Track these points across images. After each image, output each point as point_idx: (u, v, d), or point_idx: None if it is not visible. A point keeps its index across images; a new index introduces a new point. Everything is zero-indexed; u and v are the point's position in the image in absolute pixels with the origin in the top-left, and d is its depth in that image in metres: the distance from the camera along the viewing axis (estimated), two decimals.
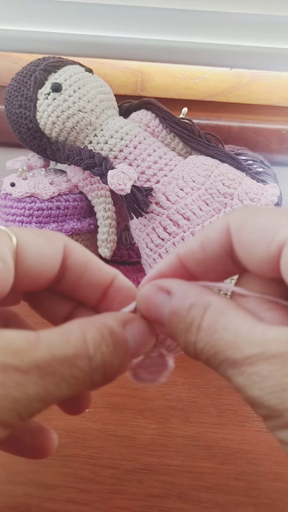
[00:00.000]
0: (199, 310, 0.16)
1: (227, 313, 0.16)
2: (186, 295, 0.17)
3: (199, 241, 0.18)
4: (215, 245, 0.18)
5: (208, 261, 0.18)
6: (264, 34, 0.59)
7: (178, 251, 0.19)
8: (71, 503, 0.24)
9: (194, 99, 0.62)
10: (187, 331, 0.16)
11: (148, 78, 0.62)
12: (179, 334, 0.17)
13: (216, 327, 0.15)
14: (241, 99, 0.62)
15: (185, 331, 0.16)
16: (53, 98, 0.42)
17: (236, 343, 0.15)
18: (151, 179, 0.42)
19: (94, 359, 0.16)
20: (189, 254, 0.18)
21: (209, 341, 0.16)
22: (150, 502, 0.24)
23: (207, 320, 0.16)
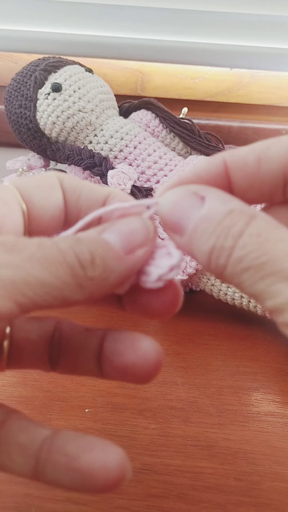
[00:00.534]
0: (244, 216, 0.14)
1: (281, 227, 0.14)
2: (225, 201, 0.14)
3: (256, 154, 0.15)
4: (275, 163, 0.15)
5: (259, 178, 0.15)
6: (264, 34, 0.59)
7: (225, 157, 0.16)
8: (71, 503, 0.24)
9: (194, 99, 0.62)
10: (221, 235, 0.14)
11: (148, 78, 0.62)
12: (204, 240, 0.14)
13: (269, 236, 0.13)
14: (241, 99, 0.62)
15: (216, 236, 0.14)
16: (53, 98, 0.42)
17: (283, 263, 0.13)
18: (151, 179, 0.42)
19: (60, 244, 0.14)
20: (239, 164, 0.16)
21: (258, 248, 0.13)
22: (150, 502, 0.24)
23: (256, 227, 0.13)
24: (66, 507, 0.24)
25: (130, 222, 0.16)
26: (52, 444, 0.15)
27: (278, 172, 0.15)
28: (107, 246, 0.15)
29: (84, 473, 0.14)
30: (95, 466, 0.14)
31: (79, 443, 0.15)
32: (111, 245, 0.15)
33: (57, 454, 0.15)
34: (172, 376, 0.34)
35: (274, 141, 0.15)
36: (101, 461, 0.15)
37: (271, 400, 0.32)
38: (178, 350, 0.38)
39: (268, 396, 0.32)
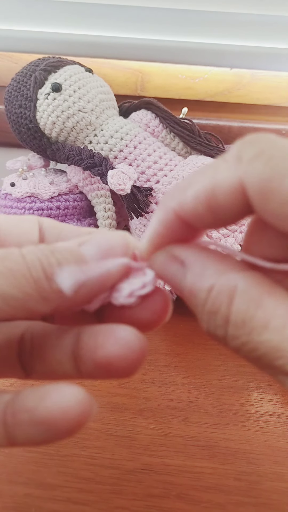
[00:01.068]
0: (223, 297, 0.13)
1: (263, 302, 0.13)
2: (203, 271, 0.14)
3: (206, 204, 0.14)
4: (228, 209, 0.14)
5: (217, 220, 0.14)
6: (264, 34, 0.59)
7: (175, 208, 0.15)
8: (71, 503, 0.24)
9: (194, 99, 0.62)
10: (211, 321, 0.13)
11: (148, 78, 0.62)
12: (201, 318, 0.14)
13: (252, 324, 0.12)
14: (241, 99, 0.62)
15: (207, 320, 0.14)
16: (53, 98, 0.42)
17: (286, 351, 0.12)
18: (151, 179, 0.42)
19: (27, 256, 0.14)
20: (193, 216, 0.14)
21: (248, 341, 0.13)
22: (150, 502, 0.24)
23: (237, 312, 0.13)
24: (66, 507, 0.24)
25: (111, 238, 0.16)
26: (14, 405, 0.14)
27: (235, 214, 0.14)
28: (81, 260, 0.15)
29: (46, 422, 0.14)
30: (54, 412, 0.14)
31: (36, 394, 0.14)
32: (86, 259, 0.15)
33: (20, 413, 0.14)
34: (172, 376, 0.34)
35: (216, 183, 0.14)
36: (59, 405, 0.14)
37: (271, 400, 0.32)
38: (178, 350, 0.38)
39: (268, 396, 0.32)
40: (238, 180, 0.13)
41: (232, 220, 0.14)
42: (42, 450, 0.27)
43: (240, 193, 0.13)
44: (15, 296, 0.14)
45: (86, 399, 0.14)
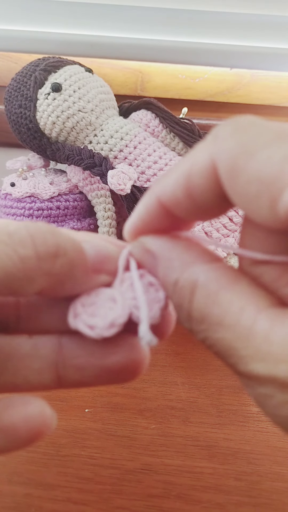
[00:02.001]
0: (185, 292, 0.13)
1: (219, 298, 0.12)
2: (169, 264, 0.14)
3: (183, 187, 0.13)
4: (203, 191, 0.13)
5: (197, 206, 0.14)
6: (264, 34, 0.59)
7: (159, 195, 0.14)
8: (71, 503, 0.24)
9: (194, 99, 0.62)
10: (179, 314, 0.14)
11: (148, 78, 0.62)
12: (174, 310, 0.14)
13: (210, 320, 0.12)
14: (241, 99, 0.62)
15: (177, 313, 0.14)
16: (53, 98, 0.42)
17: (237, 350, 0.12)
18: (151, 179, 0.42)
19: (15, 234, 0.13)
20: (173, 201, 0.14)
21: (207, 337, 0.13)
22: (150, 502, 0.24)
23: (197, 308, 0.13)
24: (66, 507, 0.24)
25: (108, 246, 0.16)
26: None
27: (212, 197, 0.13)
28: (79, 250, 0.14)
29: (8, 429, 0.14)
30: (16, 421, 0.14)
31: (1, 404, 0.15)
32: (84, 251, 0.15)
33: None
34: (172, 376, 0.34)
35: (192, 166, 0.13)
36: (21, 415, 0.14)
37: None
38: (178, 350, 0.38)
39: None
40: (210, 158, 0.13)
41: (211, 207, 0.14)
42: (42, 450, 0.27)
43: (213, 173, 0.13)
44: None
45: (47, 411, 0.15)
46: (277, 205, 0.11)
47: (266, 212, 0.11)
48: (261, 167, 0.11)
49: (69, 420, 0.29)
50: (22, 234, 0.13)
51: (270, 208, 0.11)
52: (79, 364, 0.16)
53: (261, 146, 0.11)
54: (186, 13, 0.59)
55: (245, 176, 0.12)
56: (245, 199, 0.12)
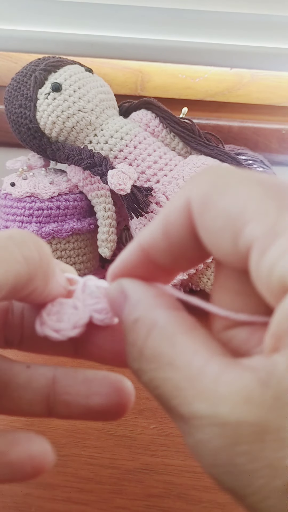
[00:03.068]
0: (143, 330, 0.13)
1: (175, 340, 0.13)
2: (137, 303, 0.14)
3: (161, 227, 0.14)
4: (179, 229, 0.14)
5: (174, 249, 0.14)
6: (264, 34, 0.59)
7: (140, 240, 0.15)
8: (71, 503, 0.24)
9: (194, 99, 0.62)
10: (130, 353, 0.14)
11: (148, 78, 0.62)
12: (126, 350, 0.14)
13: (161, 360, 0.12)
14: (241, 99, 0.62)
15: (128, 352, 0.14)
16: (53, 98, 0.42)
17: (183, 390, 0.12)
18: (151, 178, 0.42)
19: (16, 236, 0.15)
20: (152, 244, 0.15)
21: (154, 377, 0.13)
22: (150, 502, 0.24)
23: (151, 347, 0.13)
24: (66, 507, 0.24)
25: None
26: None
27: (186, 236, 0.14)
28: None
29: (15, 465, 0.15)
30: (23, 457, 0.15)
31: (7, 439, 0.16)
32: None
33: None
34: None
35: (172, 204, 0.14)
36: (27, 452, 0.15)
37: None
38: None
39: None
40: (186, 198, 0.14)
41: (185, 249, 0.14)
42: None
43: (187, 212, 0.14)
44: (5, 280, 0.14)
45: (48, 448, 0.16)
46: (239, 240, 0.12)
47: (229, 247, 0.12)
48: (228, 203, 0.12)
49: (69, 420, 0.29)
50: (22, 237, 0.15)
51: (232, 242, 0.12)
52: (66, 401, 0.17)
53: (231, 186, 0.13)
54: (186, 13, 0.59)
55: (213, 211, 0.13)
56: (211, 233, 0.13)
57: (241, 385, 0.11)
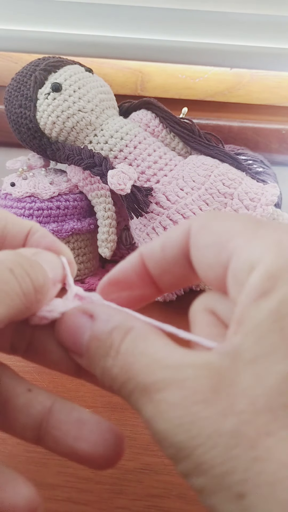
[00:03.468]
0: (120, 333, 0.15)
1: (149, 338, 0.15)
2: (110, 318, 0.16)
3: (161, 241, 0.17)
4: (174, 246, 0.17)
5: (165, 262, 0.17)
6: (264, 34, 0.59)
7: (142, 249, 0.18)
8: (71, 503, 0.24)
9: (194, 99, 0.62)
10: (106, 355, 0.15)
11: (148, 78, 0.62)
12: (96, 361, 0.15)
13: (133, 351, 0.14)
14: (241, 99, 0.62)
15: (103, 356, 0.15)
16: (53, 98, 0.42)
17: (150, 367, 0.13)
18: (151, 179, 0.42)
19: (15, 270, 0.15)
20: (149, 254, 0.18)
21: (124, 365, 0.14)
22: (150, 502, 0.24)
23: (126, 344, 0.14)
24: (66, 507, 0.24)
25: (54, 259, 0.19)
26: None
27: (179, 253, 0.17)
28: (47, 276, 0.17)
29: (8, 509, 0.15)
30: (5, 505, 0.15)
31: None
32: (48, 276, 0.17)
33: None
34: None
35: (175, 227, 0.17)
36: (11, 500, 0.15)
37: None
38: None
39: None
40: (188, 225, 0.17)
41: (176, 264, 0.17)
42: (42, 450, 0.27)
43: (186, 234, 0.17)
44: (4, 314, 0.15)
45: (34, 497, 0.15)
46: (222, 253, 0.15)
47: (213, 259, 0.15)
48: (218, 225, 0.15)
49: None
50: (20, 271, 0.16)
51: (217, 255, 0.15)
52: (55, 436, 0.17)
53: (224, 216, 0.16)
54: (186, 13, 0.59)
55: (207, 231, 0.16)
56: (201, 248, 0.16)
57: (203, 357, 0.13)
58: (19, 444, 0.28)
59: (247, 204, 0.38)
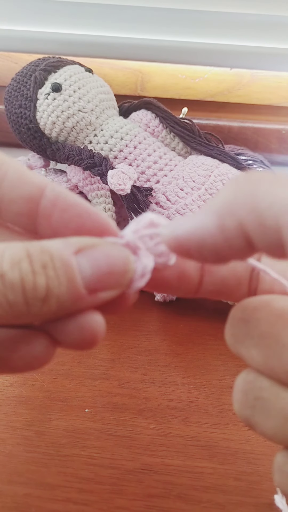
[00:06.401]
0: None
1: None
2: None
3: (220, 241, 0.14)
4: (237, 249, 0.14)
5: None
6: (264, 34, 0.59)
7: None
8: (71, 503, 0.24)
9: (194, 99, 0.62)
10: None
11: (148, 78, 0.62)
12: None
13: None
14: (241, 99, 0.62)
15: None
16: (53, 98, 0.42)
17: None
18: (151, 179, 0.42)
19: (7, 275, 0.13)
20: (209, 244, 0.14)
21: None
22: (150, 502, 0.24)
23: None
24: (66, 507, 0.24)
25: (114, 258, 0.14)
26: None
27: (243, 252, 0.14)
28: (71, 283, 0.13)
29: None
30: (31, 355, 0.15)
31: None
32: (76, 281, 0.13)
33: None
34: (172, 376, 0.34)
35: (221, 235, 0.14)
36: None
37: None
38: (178, 350, 0.38)
39: None
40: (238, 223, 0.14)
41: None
42: (42, 450, 0.27)
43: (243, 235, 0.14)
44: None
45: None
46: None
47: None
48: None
49: (69, 420, 0.29)
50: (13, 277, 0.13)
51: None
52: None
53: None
54: (186, 13, 0.59)
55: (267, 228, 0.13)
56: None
57: None
58: (19, 444, 0.28)
59: None
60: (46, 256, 0.13)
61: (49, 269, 0.13)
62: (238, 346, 0.15)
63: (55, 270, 0.13)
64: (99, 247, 0.14)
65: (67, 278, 0.13)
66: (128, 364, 0.35)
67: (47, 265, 0.13)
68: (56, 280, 0.13)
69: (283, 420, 0.14)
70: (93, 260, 0.14)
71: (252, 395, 0.15)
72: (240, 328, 0.15)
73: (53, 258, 0.13)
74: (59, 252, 0.13)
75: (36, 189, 0.16)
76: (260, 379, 0.15)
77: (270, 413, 0.14)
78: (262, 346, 0.14)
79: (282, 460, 0.14)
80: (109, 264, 0.14)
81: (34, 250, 0.13)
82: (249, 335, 0.15)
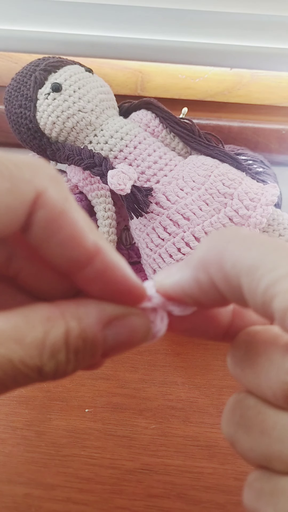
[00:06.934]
0: None
1: None
2: None
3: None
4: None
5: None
6: (264, 34, 0.59)
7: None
8: (71, 503, 0.24)
9: (194, 99, 0.62)
10: None
11: (148, 78, 0.61)
12: None
13: None
14: (241, 99, 0.62)
15: None
16: (53, 98, 0.42)
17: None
18: (151, 179, 0.42)
19: (45, 368, 0.13)
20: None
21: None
22: (150, 502, 0.24)
23: None
24: (66, 507, 0.24)
25: (136, 332, 0.16)
26: None
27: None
28: (93, 357, 0.15)
29: None
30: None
31: None
32: (97, 355, 0.15)
33: None
34: (172, 376, 0.34)
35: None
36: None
37: None
38: (178, 350, 0.38)
39: None
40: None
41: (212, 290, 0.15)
42: (42, 450, 0.27)
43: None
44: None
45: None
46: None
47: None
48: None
49: (69, 420, 0.29)
50: (49, 369, 0.13)
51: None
52: None
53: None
54: (186, 13, 0.59)
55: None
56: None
57: None
58: (19, 444, 0.28)
59: (247, 204, 0.38)
60: (80, 342, 0.14)
61: (80, 353, 0.14)
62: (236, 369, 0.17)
63: (85, 352, 0.14)
64: (126, 320, 0.15)
65: (91, 354, 0.15)
66: (128, 364, 0.35)
67: (79, 350, 0.14)
68: (82, 361, 0.14)
69: (258, 435, 0.14)
70: (117, 334, 0.15)
71: (238, 413, 0.16)
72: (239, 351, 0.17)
73: (86, 340, 0.14)
74: (92, 332, 0.14)
75: (85, 257, 0.14)
76: (249, 398, 0.16)
77: (250, 429, 0.15)
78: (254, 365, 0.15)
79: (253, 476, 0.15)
80: (130, 337, 0.16)
81: (73, 336, 0.14)
82: (246, 356, 0.16)
